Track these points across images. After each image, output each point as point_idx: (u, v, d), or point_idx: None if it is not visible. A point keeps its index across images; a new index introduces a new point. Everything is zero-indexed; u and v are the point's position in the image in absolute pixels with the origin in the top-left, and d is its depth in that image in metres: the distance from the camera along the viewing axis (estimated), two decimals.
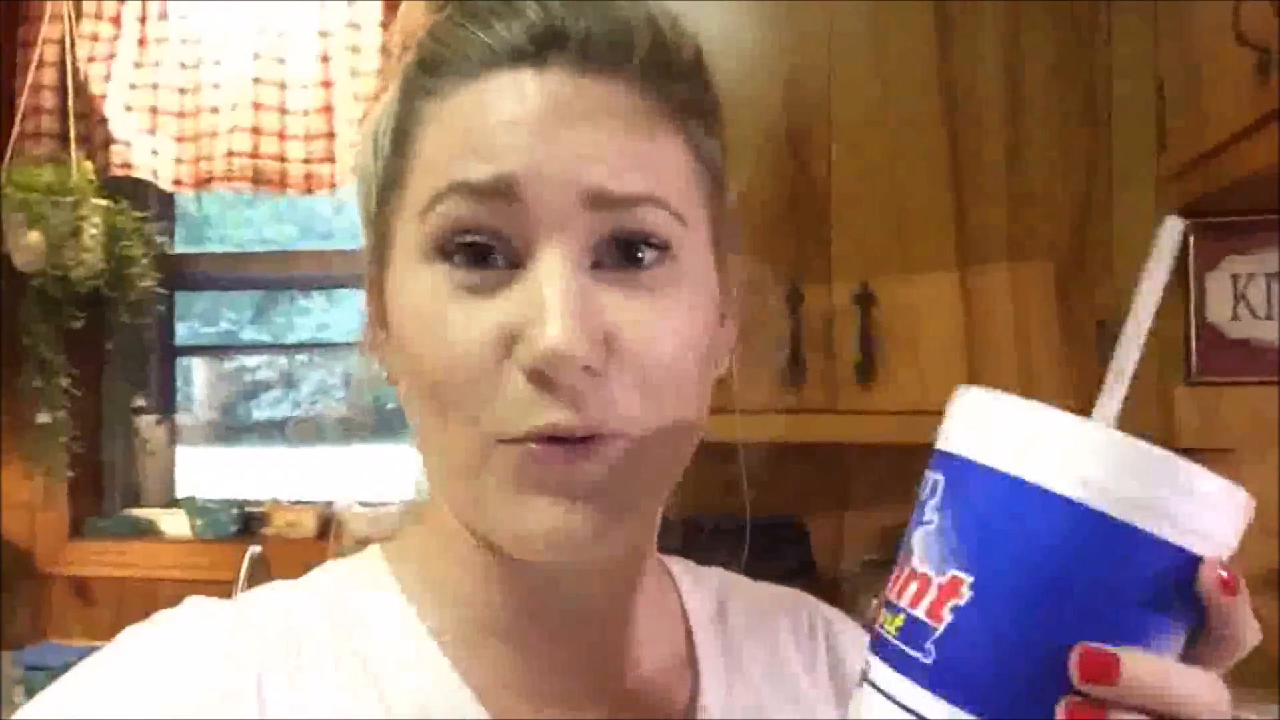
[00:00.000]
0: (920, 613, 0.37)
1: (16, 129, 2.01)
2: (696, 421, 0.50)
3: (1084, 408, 0.37)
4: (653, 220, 0.46)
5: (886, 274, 1.50)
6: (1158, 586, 0.35)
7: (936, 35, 1.49)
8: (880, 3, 1.51)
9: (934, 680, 0.36)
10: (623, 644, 0.54)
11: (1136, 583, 0.35)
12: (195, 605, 0.52)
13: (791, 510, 1.77)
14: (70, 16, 2.02)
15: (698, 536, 1.71)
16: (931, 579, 0.37)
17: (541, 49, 0.46)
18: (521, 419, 0.44)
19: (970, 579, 0.36)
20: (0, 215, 1.88)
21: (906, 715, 0.36)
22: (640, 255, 0.46)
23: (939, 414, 0.39)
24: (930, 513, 0.38)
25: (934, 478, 0.39)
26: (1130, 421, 0.37)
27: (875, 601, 0.40)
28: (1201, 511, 0.35)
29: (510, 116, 0.45)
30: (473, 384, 0.45)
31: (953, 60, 1.49)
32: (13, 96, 2.03)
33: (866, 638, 0.40)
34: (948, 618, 0.36)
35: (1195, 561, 0.35)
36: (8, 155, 2.00)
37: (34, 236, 1.86)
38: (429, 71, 0.48)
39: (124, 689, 0.47)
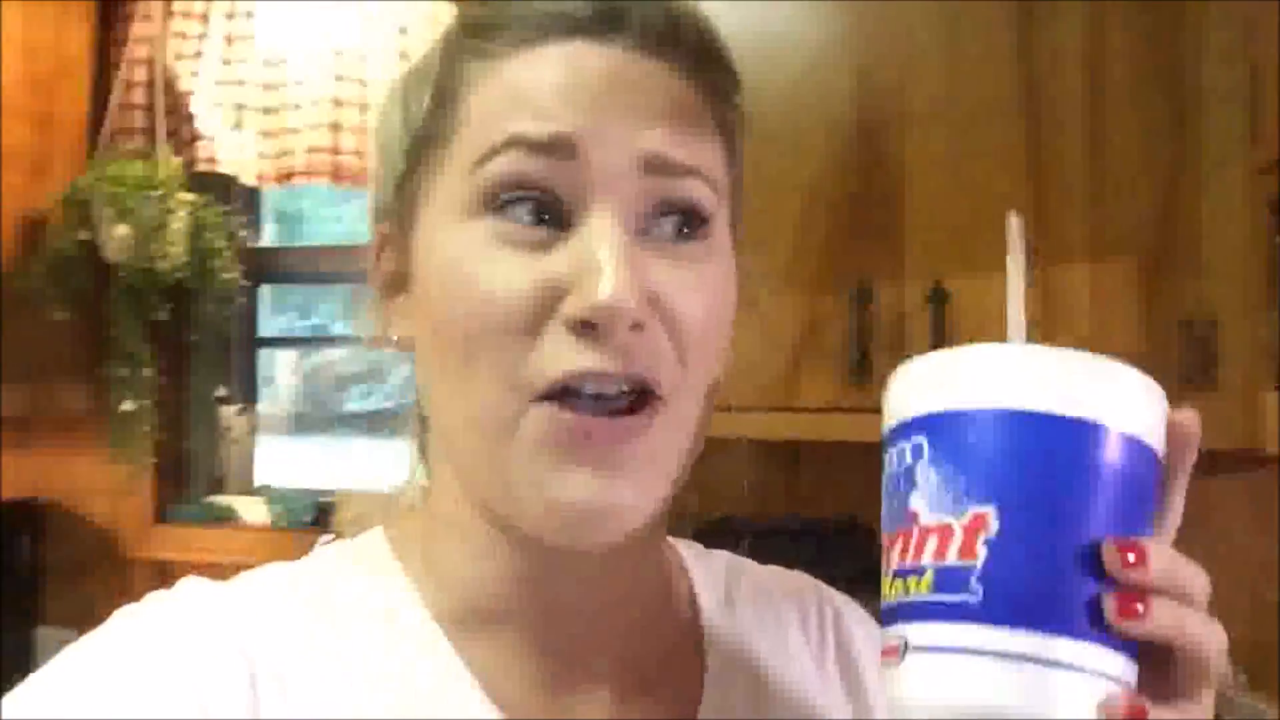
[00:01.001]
0: (951, 560, 0.38)
1: (109, 125, 2.08)
2: (714, 393, 0.51)
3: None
4: (699, 193, 0.48)
5: (961, 271, 1.45)
6: (1129, 478, 0.39)
7: (1015, 22, 1.44)
8: None
9: (987, 613, 0.37)
10: (631, 628, 0.53)
11: (1118, 476, 0.39)
12: (190, 585, 0.51)
13: (858, 511, 1.73)
14: (161, 16, 2.08)
15: (759, 535, 1.68)
16: (952, 525, 0.38)
17: (602, 25, 0.48)
18: (560, 364, 0.44)
19: (993, 508, 0.38)
20: (92, 208, 1.94)
21: (968, 656, 0.37)
22: (683, 227, 0.48)
23: None
24: (922, 473, 0.40)
25: (912, 443, 0.41)
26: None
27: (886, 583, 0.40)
28: (1133, 403, 0.39)
29: (571, 80, 0.47)
30: (512, 335, 0.45)
31: (1032, 48, 1.43)
32: (108, 94, 2.10)
33: (873, 625, 0.41)
34: (983, 552, 0.38)
35: (1149, 452, 0.39)
36: (100, 148, 2.06)
37: (122, 229, 1.92)
38: (479, 35, 0.49)
39: (115, 669, 0.46)
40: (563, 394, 0.45)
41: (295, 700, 0.48)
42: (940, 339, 1.45)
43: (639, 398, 0.46)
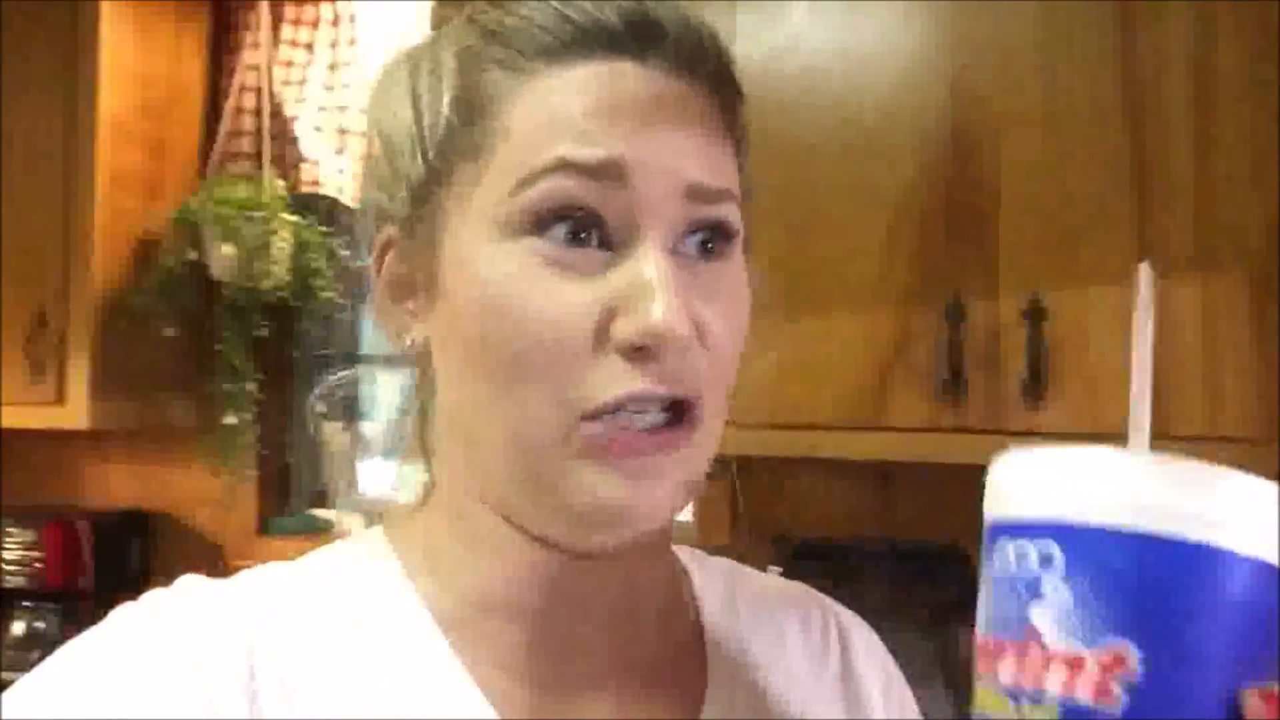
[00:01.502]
0: (1083, 697, 0.35)
1: (218, 149, 2.16)
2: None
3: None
4: (730, 215, 0.50)
5: (1058, 285, 1.39)
6: (1270, 612, 0.35)
7: (1117, 23, 1.38)
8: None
9: None
10: (634, 630, 0.54)
11: (1261, 612, 0.35)
12: (188, 583, 0.51)
13: (956, 537, 1.67)
14: (268, 45, 2.16)
15: (852, 559, 1.64)
16: (1085, 657, 0.35)
17: (640, 42, 0.48)
18: (613, 387, 0.46)
19: (1132, 646, 0.35)
20: (200, 229, 2.02)
21: None
22: (711, 246, 0.49)
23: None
24: (1051, 585, 0.36)
25: (1039, 547, 0.37)
26: None
27: (977, 690, 0.37)
28: (1274, 528, 0.35)
29: (618, 103, 0.47)
30: (565, 358, 0.46)
31: (1135, 49, 1.37)
32: (218, 120, 2.19)
33: (877, 642, 0.38)
34: (1123, 698, 0.34)
35: None
36: (210, 171, 2.14)
37: (228, 249, 1.98)
38: (505, 44, 0.49)
39: (114, 661, 0.47)
40: (610, 411, 0.46)
41: (294, 696, 0.48)
42: (1037, 357, 1.39)
43: (676, 412, 0.47)
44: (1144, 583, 0.35)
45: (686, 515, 1.92)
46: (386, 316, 0.54)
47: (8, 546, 2.08)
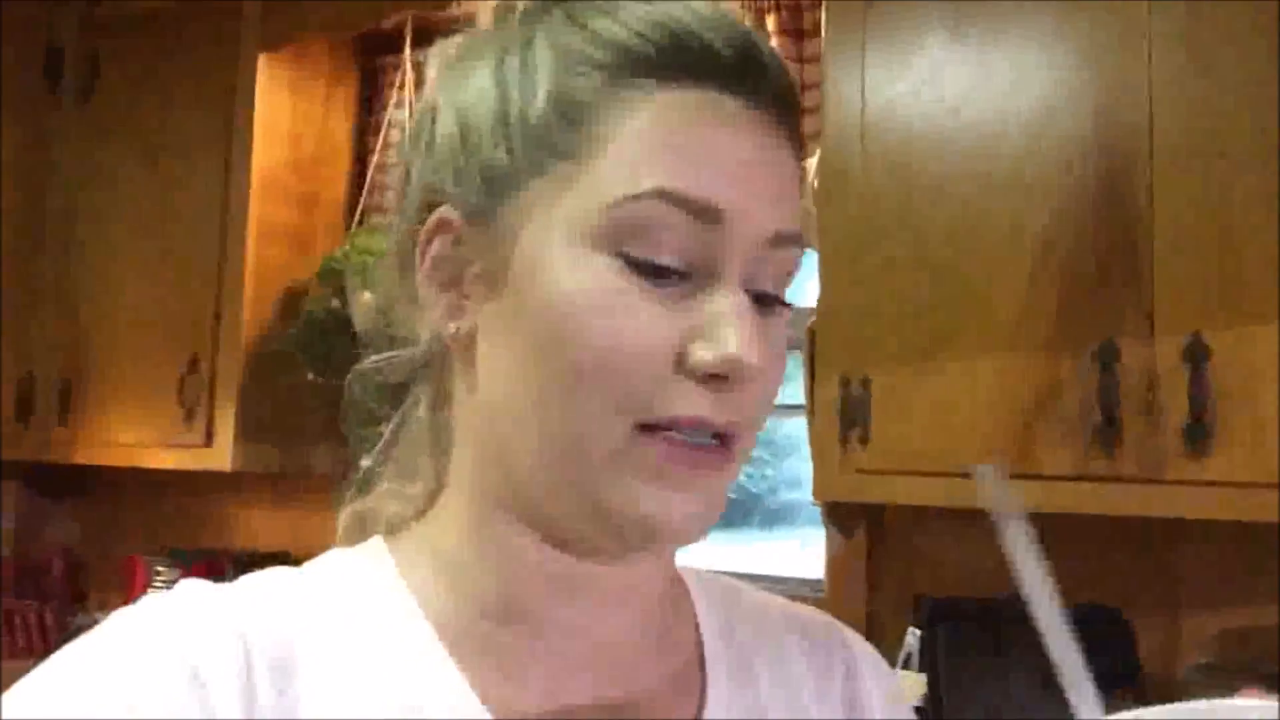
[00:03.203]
0: None
1: (363, 203, 2.24)
2: None
3: None
4: (794, 258, 0.51)
5: (1222, 325, 1.30)
6: None
7: (1275, 50, 1.29)
8: (1207, 21, 1.33)
9: None
10: (634, 644, 0.54)
11: None
12: (188, 588, 0.51)
13: (1114, 600, 1.55)
14: (411, 102, 2.23)
15: (1000, 621, 1.54)
16: None
17: (746, 77, 0.49)
18: (678, 406, 0.47)
19: None
20: (344, 278, 2.08)
21: None
22: (775, 291, 0.51)
23: None
24: None
25: None
26: None
27: None
28: None
29: (724, 142, 0.48)
30: (643, 376, 0.47)
31: None
32: (364, 176, 2.27)
33: (889, 675, 0.36)
34: None
35: None
36: (354, 224, 2.22)
37: (368, 296, 2.04)
38: (608, 50, 0.48)
39: (108, 670, 0.46)
40: (666, 427, 0.47)
41: (292, 698, 0.48)
42: (1202, 399, 1.29)
43: (721, 439, 0.49)
44: None
45: (817, 572, 1.85)
46: (426, 300, 0.52)
47: (156, 585, 2.16)
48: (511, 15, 0.52)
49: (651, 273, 0.47)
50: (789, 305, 0.52)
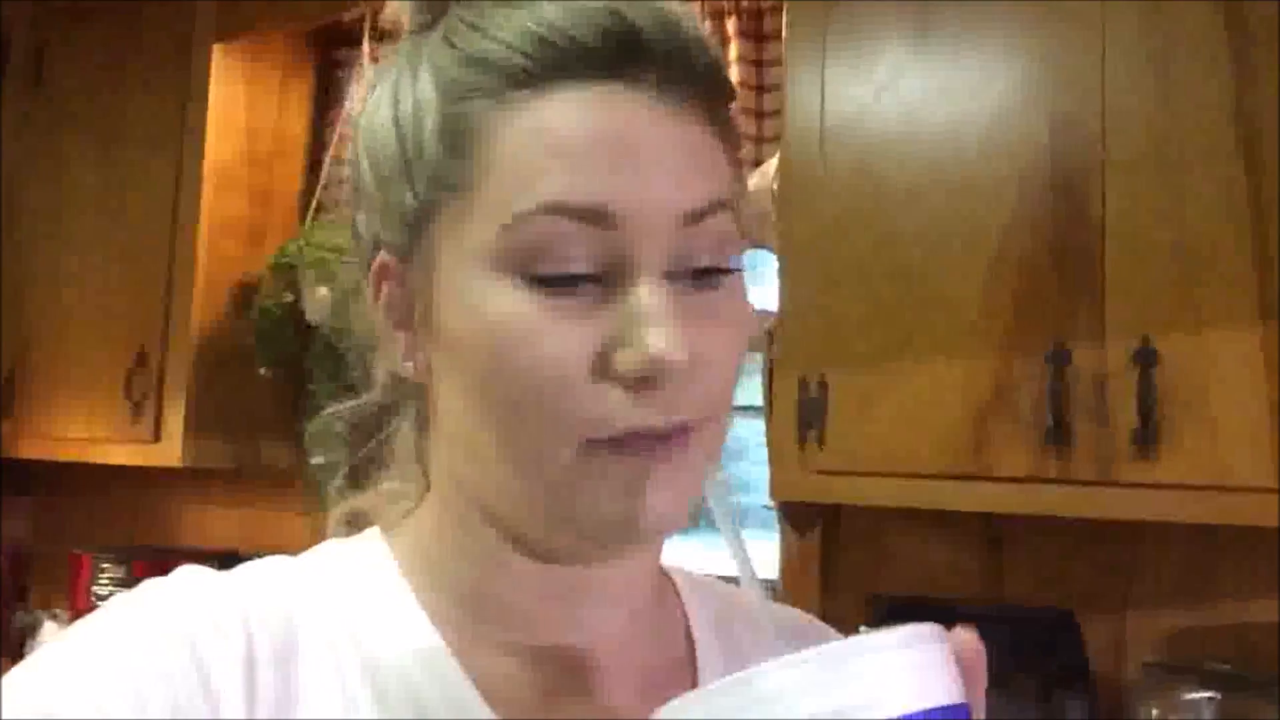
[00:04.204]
0: None
1: (317, 198, 2.21)
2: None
3: None
4: (725, 229, 0.49)
5: (1171, 329, 1.32)
6: None
7: (1231, 57, 1.32)
8: (1163, 28, 1.36)
9: None
10: (626, 639, 0.54)
11: None
12: (188, 574, 0.51)
13: (1064, 601, 1.58)
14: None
15: (953, 620, 1.56)
16: None
17: (624, 60, 0.47)
18: (617, 421, 0.46)
19: None
20: (298, 272, 2.06)
21: None
22: (705, 267, 0.49)
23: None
24: None
25: None
26: None
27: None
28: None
29: (606, 139, 0.46)
30: (569, 396, 0.46)
31: (1253, 83, 1.30)
32: (319, 170, 2.25)
33: None
34: None
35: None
36: (309, 218, 2.19)
37: (323, 291, 2.01)
38: (482, 69, 0.47)
39: (110, 654, 0.46)
40: (620, 435, 0.47)
41: (292, 681, 0.48)
42: (1149, 405, 1.32)
43: (675, 435, 0.48)
44: None
45: (771, 572, 1.86)
46: (388, 343, 0.53)
47: (100, 582, 2.12)
48: (406, 38, 0.52)
49: (562, 286, 0.46)
50: (734, 270, 0.50)
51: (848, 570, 1.79)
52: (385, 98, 0.51)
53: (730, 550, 0.46)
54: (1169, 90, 1.35)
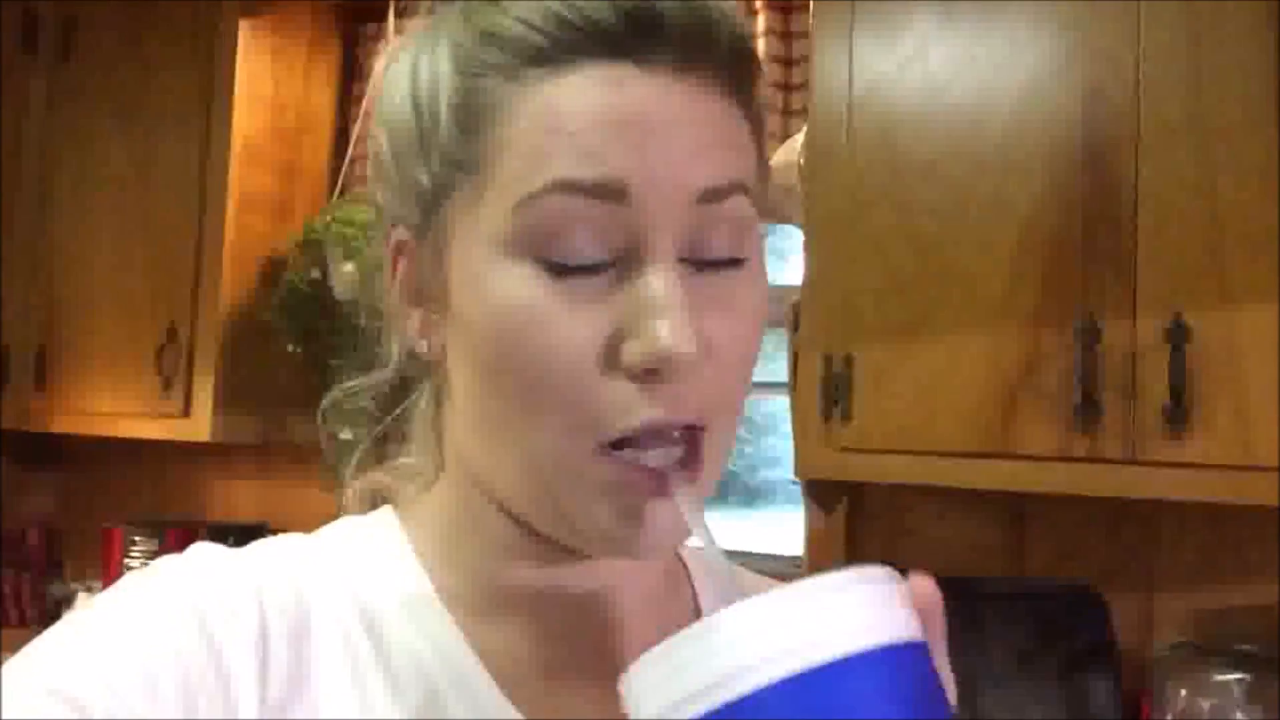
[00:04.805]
0: None
1: (345, 171, 2.21)
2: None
3: None
4: (743, 210, 0.48)
5: (1204, 305, 1.30)
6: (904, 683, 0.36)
7: (1267, 28, 1.29)
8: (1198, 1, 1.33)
9: None
10: (636, 625, 0.54)
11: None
12: (201, 551, 0.51)
13: (1089, 579, 1.56)
14: None
15: (978, 599, 1.55)
16: None
17: (641, 41, 0.46)
18: (624, 418, 0.45)
19: None
20: (324, 248, 2.06)
21: None
22: (717, 246, 0.47)
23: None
24: None
25: None
26: None
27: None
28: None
29: (619, 116, 0.45)
30: (576, 384, 0.45)
31: None
32: (346, 145, 2.25)
33: None
34: None
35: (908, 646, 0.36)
36: (335, 194, 2.20)
37: (349, 267, 2.02)
38: (501, 49, 0.47)
39: (121, 631, 0.46)
40: (626, 442, 0.46)
41: (306, 658, 0.48)
42: (1180, 382, 1.30)
43: (690, 442, 0.47)
44: None
45: (796, 548, 1.85)
46: (403, 320, 0.53)
47: (132, 555, 2.15)
48: (427, 11, 0.52)
49: (574, 271, 0.46)
50: (752, 257, 0.49)
51: (872, 547, 1.78)
52: (404, 72, 0.51)
53: (692, 526, 0.46)
54: (1203, 61, 1.32)
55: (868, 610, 0.36)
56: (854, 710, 0.34)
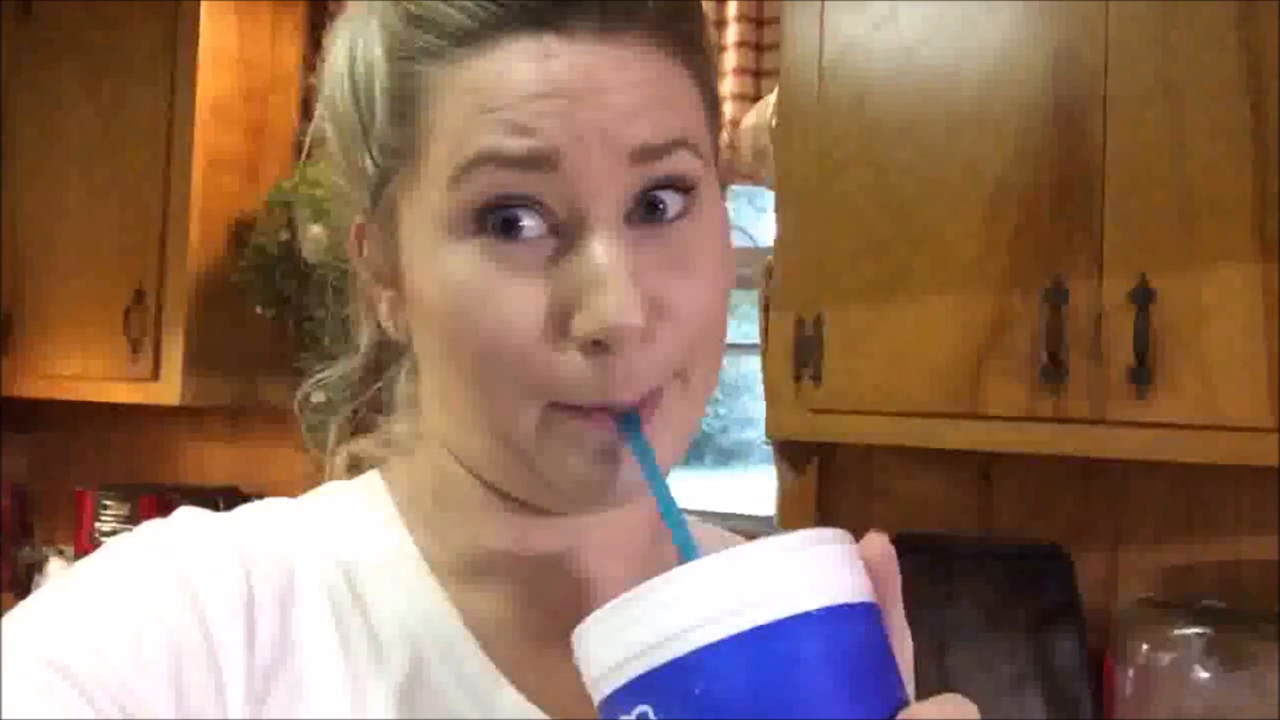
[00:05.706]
0: None
1: (312, 133, 2.19)
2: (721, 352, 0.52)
3: None
4: (685, 166, 0.47)
5: (1169, 266, 1.31)
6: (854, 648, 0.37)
7: None
8: None
9: None
10: (616, 589, 0.52)
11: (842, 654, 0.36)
12: (186, 516, 0.51)
13: (1056, 537, 1.59)
14: None
15: (946, 557, 1.57)
16: None
17: (563, 11, 0.45)
18: (580, 392, 0.46)
19: None
20: (293, 210, 2.04)
21: None
22: (663, 205, 0.47)
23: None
24: None
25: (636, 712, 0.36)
26: None
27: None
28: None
29: (541, 87, 0.45)
30: (527, 360, 0.46)
31: (1258, 18, 1.28)
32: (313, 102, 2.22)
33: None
34: None
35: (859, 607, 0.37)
36: (303, 155, 2.17)
37: (317, 229, 2.00)
38: (427, 30, 0.46)
39: (107, 596, 0.46)
40: (584, 406, 0.47)
41: (292, 623, 0.48)
42: (1144, 343, 1.31)
43: (645, 401, 0.47)
44: (731, 693, 0.34)
45: (768, 508, 1.87)
46: (371, 302, 0.54)
47: (103, 519, 2.14)
48: None
49: (513, 245, 0.46)
50: (708, 212, 0.49)
51: (843, 506, 1.80)
52: (342, 56, 0.51)
53: (648, 483, 0.46)
54: (1172, 23, 1.33)
55: (815, 572, 0.36)
56: (795, 671, 0.34)
